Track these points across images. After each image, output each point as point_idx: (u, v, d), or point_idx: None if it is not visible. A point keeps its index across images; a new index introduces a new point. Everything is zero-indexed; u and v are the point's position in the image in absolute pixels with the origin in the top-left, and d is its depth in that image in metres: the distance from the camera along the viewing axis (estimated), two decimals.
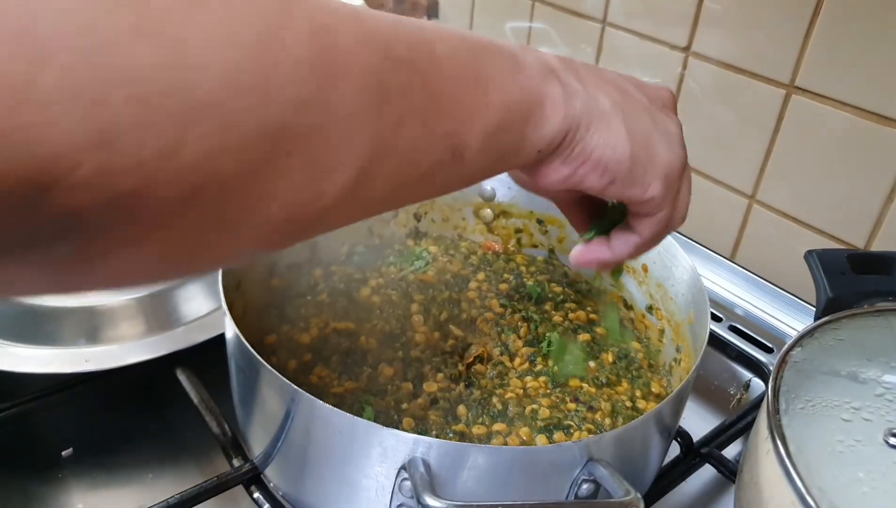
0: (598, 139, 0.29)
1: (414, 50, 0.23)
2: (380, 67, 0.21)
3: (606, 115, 0.29)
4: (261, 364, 0.36)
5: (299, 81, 0.19)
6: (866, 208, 0.57)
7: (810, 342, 0.40)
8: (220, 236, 0.19)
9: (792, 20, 0.58)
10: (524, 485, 0.34)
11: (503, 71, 0.26)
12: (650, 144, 0.30)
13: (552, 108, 0.27)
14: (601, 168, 0.29)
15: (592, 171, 0.29)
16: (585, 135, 0.28)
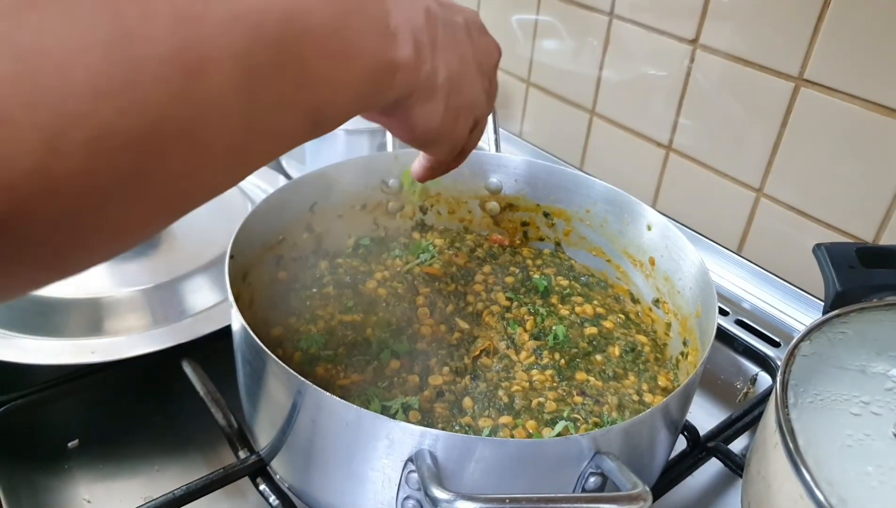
0: (419, 110, 0.31)
1: (285, 26, 0.22)
2: (249, 51, 0.21)
3: (436, 91, 0.31)
4: (268, 356, 0.35)
5: (167, 78, 0.18)
6: (875, 201, 0.57)
7: (819, 335, 0.40)
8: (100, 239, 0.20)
9: (801, 13, 0.57)
10: (531, 478, 0.34)
11: (371, 40, 0.26)
12: (458, 119, 0.34)
13: (402, 78, 0.29)
14: (409, 131, 0.33)
15: (402, 129, 0.33)
16: (412, 103, 0.31)
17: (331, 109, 0.26)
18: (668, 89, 0.70)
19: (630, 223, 0.53)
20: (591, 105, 0.78)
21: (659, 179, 0.74)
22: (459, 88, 0.32)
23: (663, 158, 0.73)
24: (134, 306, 0.50)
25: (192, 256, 0.54)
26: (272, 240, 0.50)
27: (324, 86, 0.25)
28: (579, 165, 0.82)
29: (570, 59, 0.78)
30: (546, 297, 0.53)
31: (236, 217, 0.46)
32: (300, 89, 0.24)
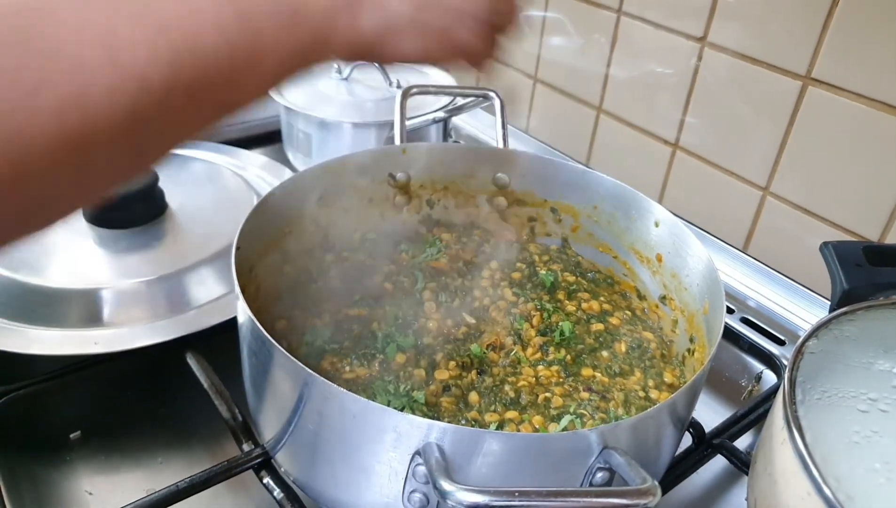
0: (392, 51, 0.32)
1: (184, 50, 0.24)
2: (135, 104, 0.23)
3: (399, 30, 0.31)
4: (274, 348, 0.35)
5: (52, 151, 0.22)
6: (881, 200, 0.57)
7: (826, 333, 0.40)
8: None
9: (809, 11, 0.57)
10: (539, 472, 0.34)
11: (277, 34, 0.27)
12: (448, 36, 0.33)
13: (338, 40, 0.29)
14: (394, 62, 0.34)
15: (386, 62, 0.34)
16: (381, 49, 0.31)
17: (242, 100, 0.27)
18: (676, 87, 0.69)
19: (637, 220, 0.53)
20: (598, 102, 0.78)
21: (665, 177, 0.74)
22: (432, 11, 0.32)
23: (670, 155, 0.73)
24: (138, 298, 0.50)
25: (196, 248, 0.54)
26: (278, 233, 0.49)
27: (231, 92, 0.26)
28: (586, 162, 0.82)
29: (578, 56, 0.78)
30: (553, 293, 0.53)
31: (242, 209, 0.46)
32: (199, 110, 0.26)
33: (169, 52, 0.23)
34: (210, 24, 0.25)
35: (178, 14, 0.24)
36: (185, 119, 0.26)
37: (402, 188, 0.56)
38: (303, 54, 0.29)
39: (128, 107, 0.22)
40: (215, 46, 0.25)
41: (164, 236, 0.56)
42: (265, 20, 0.26)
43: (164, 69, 0.23)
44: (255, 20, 0.26)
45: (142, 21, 0.23)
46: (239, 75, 0.26)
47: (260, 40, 0.26)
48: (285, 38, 0.27)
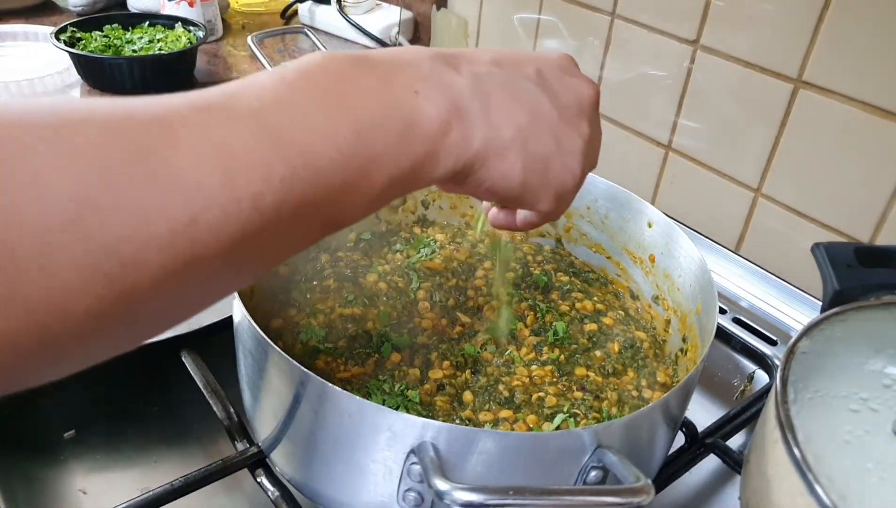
0: (491, 173, 0.30)
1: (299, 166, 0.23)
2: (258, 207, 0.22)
3: (505, 150, 0.30)
4: (270, 347, 0.35)
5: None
6: (871, 202, 0.57)
7: (818, 333, 0.40)
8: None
9: (800, 15, 0.58)
10: (533, 471, 0.34)
11: (391, 147, 0.26)
12: (547, 169, 0.32)
13: (446, 155, 0.28)
14: (492, 194, 0.31)
15: (484, 194, 0.31)
16: (480, 169, 0.29)
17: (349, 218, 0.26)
18: (669, 89, 0.70)
19: (630, 220, 0.54)
20: None
21: (658, 178, 0.74)
22: (539, 137, 0.31)
23: (663, 157, 0.73)
24: None
25: None
26: None
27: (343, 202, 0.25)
28: None
29: None
30: (546, 293, 0.53)
31: None
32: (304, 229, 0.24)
33: (283, 169, 0.22)
34: (325, 138, 0.23)
35: (292, 128, 0.23)
36: (289, 238, 0.24)
37: None
38: (412, 169, 0.27)
39: (237, 230, 0.21)
40: (330, 161, 0.23)
41: None
42: (378, 132, 0.25)
43: (278, 188, 0.22)
44: (369, 132, 0.25)
45: (256, 137, 0.22)
46: (349, 192, 0.25)
47: (373, 153, 0.25)
48: (397, 151, 0.26)
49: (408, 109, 0.26)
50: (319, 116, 0.24)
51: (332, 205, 0.24)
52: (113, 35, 0.89)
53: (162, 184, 0.20)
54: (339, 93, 0.25)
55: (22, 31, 0.97)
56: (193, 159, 0.20)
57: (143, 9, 1.05)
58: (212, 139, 0.21)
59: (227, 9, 1.16)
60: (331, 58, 0.26)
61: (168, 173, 0.20)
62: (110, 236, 0.19)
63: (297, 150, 0.23)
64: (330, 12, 1.08)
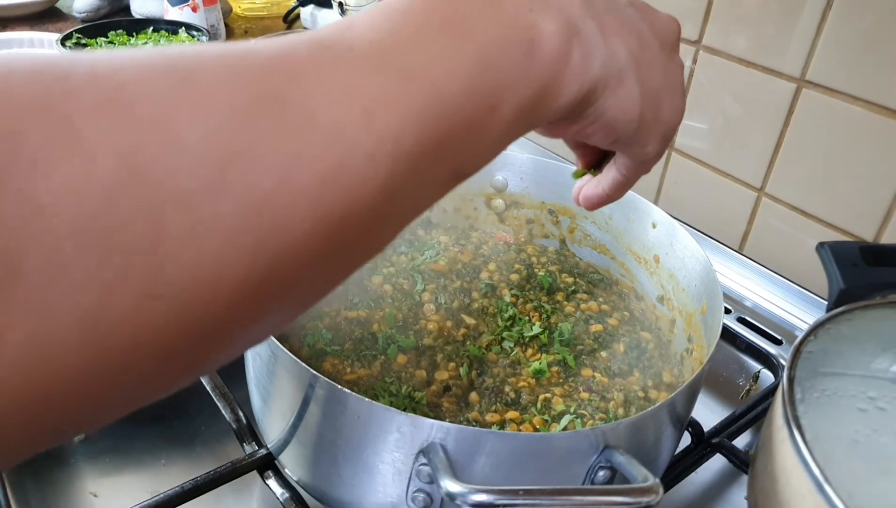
0: (611, 102, 0.27)
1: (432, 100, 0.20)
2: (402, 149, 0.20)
3: (623, 73, 0.27)
4: (278, 349, 0.36)
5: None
6: (876, 201, 0.58)
7: (824, 332, 0.40)
8: None
9: (803, 14, 0.58)
10: (541, 471, 0.34)
11: (516, 70, 0.23)
12: (658, 102, 0.30)
13: (570, 78, 0.25)
14: (609, 129, 0.29)
15: (600, 131, 0.29)
16: (600, 97, 0.27)
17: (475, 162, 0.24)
18: None
19: (635, 221, 0.54)
20: None
21: (661, 178, 0.74)
22: (649, 66, 0.28)
23: (666, 156, 0.73)
24: None
25: None
26: None
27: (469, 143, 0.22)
28: None
29: None
30: (551, 294, 0.53)
31: None
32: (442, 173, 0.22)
33: (417, 104, 0.20)
34: (449, 67, 0.21)
35: (415, 59, 0.21)
36: (430, 185, 0.22)
37: None
38: (537, 97, 0.24)
39: (386, 176, 0.19)
40: (460, 90, 0.21)
41: None
42: (502, 57, 0.23)
43: (416, 125, 0.20)
44: (492, 57, 0.22)
45: (384, 73, 0.20)
46: (478, 128, 0.22)
47: (498, 81, 0.23)
48: (522, 76, 0.23)
49: (526, 28, 0.24)
50: (440, 44, 0.21)
51: (462, 145, 0.22)
52: (118, 41, 0.90)
53: (302, 128, 0.17)
54: (454, 17, 0.22)
55: (28, 38, 0.97)
56: (327, 100, 0.18)
57: (146, 14, 1.05)
58: (340, 78, 0.19)
59: (229, 13, 1.17)
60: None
61: (305, 116, 0.18)
62: (257, 190, 0.16)
63: (426, 80, 0.20)
64: (332, 16, 1.09)
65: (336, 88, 0.19)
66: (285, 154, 0.17)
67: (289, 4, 1.16)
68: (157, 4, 1.03)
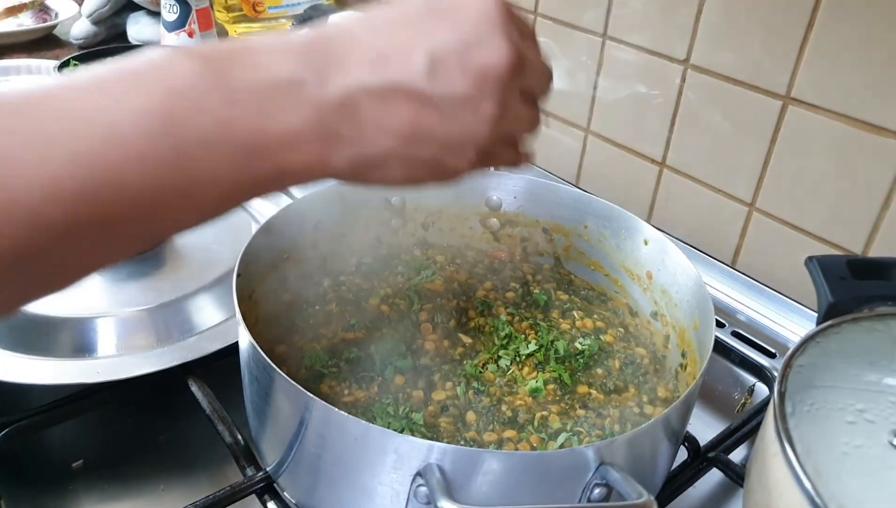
0: (372, 181, 0.29)
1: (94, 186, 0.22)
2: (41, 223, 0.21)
3: (382, 163, 0.28)
4: (275, 373, 0.36)
5: None
6: (863, 215, 0.59)
7: (814, 346, 0.41)
8: None
9: (787, 33, 0.59)
10: (538, 490, 0.35)
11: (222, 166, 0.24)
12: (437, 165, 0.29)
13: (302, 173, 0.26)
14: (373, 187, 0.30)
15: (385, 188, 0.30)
16: (356, 180, 0.29)
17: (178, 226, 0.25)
18: (661, 107, 0.71)
19: (627, 238, 0.55)
20: (586, 123, 0.80)
21: (653, 195, 0.75)
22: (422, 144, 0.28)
23: (657, 174, 0.74)
24: (139, 326, 0.51)
25: (196, 275, 0.55)
26: (277, 259, 0.50)
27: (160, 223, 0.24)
28: (576, 182, 0.83)
29: (565, 79, 0.80)
30: (547, 311, 0.54)
31: (240, 236, 0.47)
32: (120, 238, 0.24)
33: (77, 186, 0.21)
34: (135, 158, 0.22)
35: (96, 144, 0.22)
36: (102, 247, 0.24)
37: (397, 212, 0.58)
38: (255, 187, 0.26)
39: (17, 243, 0.21)
40: (140, 180, 0.22)
41: (164, 263, 0.56)
42: (207, 154, 0.23)
43: (69, 205, 0.21)
44: (194, 155, 0.23)
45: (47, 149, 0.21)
46: (170, 208, 0.24)
47: (198, 175, 0.23)
48: (232, 173, 0.24)
49: (250, 128, 0.24)
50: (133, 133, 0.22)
51: (150, 219, 0.24)
52: None
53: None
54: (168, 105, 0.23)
55: (25, 65, 0.99)
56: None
57: (143, 40, 1.07)
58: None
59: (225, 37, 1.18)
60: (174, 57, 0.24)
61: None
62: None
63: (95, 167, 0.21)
64: None
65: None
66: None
67: (286, 28, 1.18)
68: (153, 30, 1.05)
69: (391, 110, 0.27)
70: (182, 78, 0.23)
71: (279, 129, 0.25)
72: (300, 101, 0.25)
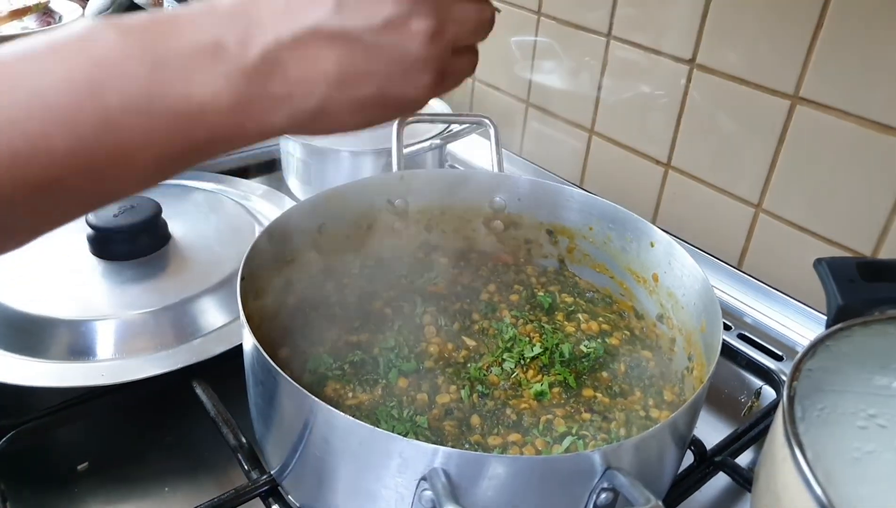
0: (319, 130, 0.29)
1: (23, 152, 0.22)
2: None
3: (321, 113, 0.27)
4: (280, 376, 0.36)
5: None
6: (872, 216, 0.58)
7: (823, 349, 0.41)
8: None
9: (795, 32, 0.59)
10: (544, 494, 0.34)
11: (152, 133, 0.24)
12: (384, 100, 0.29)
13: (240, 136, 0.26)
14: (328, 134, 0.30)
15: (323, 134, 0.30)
16: (303, 131, 0.28)
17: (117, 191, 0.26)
18: (666, 108, 0.71)
19: (633, 241, 0.54)
20: (590, 124, 0.80)
21: (659, 196, 0.75)
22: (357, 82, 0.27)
23: (663, 174, 0.74)
24: (143, 328, 0.50)
25: (200, 277, 0.55)
26: (281, 262, 0.50)
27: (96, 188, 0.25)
28: (580, 183, 0.83)
29: (569, 80, 0.80)
30: (551, 314, 0.54)
31: (244, 238, 0.47)
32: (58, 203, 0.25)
33: (7, 150, 0.22)
34: (63, 123, 0.23)
35: (22, 111, 0.22)
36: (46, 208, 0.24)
37: (400, 214, 0.57)
38: (193, 152, 0.26)
39: None
40: (68, 145, 0.23)
41: (168, 266, 0.56)
42: (135, 119, 0.24)
43: (3, 169, 0.22)
44: (122, 120, 0.24)
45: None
46: (105, 172, 0.24)
47: (128, 140, 0.24)
48: (164, 137, 0.25)
49: (176, 93, 0.24)
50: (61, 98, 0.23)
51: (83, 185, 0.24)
52: None
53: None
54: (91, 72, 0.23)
55: None
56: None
57: None
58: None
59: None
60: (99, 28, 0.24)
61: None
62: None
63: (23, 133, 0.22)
64: None
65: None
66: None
67: None
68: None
69: (312, 57, 0.26)
70: (106, 47, 0.24)
71: (206, 92, 0.25)
72: (224, 64, 0.25)
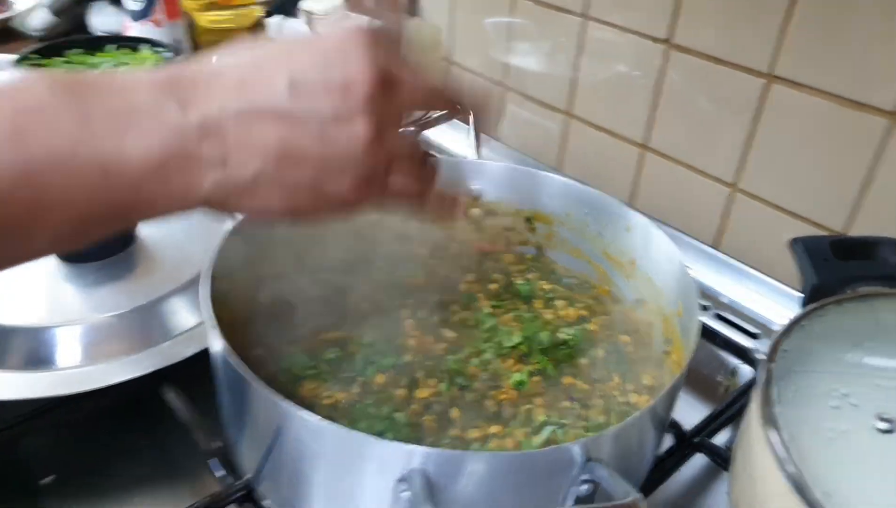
0: (244, 208, 0.28)
1: None
2: None
3: (253, 187, 0.27)
4: (249, 379, 0.35)
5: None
6: (845, 193, 0.58)
7: (798, 330, 0.41)
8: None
9: (769, 11, 0.58)
10: (524, 487, 0.34)
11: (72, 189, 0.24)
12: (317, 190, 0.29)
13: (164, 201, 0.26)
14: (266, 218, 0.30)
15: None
16: (226, 207, 0.28)
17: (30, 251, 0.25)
18: (643, 88, 0.70)
19: (609, 225, 0.54)
20: (567, 106, 0.79)
21: (636, 178, 0.75)
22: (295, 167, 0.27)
23: (639, 156, 0.74)
24: (111, 332, 0.49)
25: (168, 277, 0.53)
26: (251, 258, 0.49)
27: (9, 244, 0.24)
28: (558, 166, 0.82)
29: (545, 62, 0.79)
30: (529, 302, 0.53)
31: (212, 235, 0.46)
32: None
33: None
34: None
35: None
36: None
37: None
38: (116, 214, 0.25)
39: None
40: None
41: (135, 267, 0.54)
42: (58, 173, 0.23)
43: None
44: (44, 172, 0.23)
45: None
46: (20, 227, 0.23)
47: (48, 194, 0.23)
48: (86, 195, 0.24)
49: (104, 149, 0.24)
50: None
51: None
52: (76, 60, 0.88)
53: None
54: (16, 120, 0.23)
55: None
56: None
57: (106, 31, 1.03)
58: None
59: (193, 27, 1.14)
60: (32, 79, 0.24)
61: None
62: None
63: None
64: (299, 26, 1.07)
65: None
66: None
67: (255, 15, 1.15)
68: (117, 20, 1.01)
69: (255, 130, 0.26)
70: (36, 98, 0.23)
71: (136, 152, 0.24)
72: (159, 123, 0.25)
